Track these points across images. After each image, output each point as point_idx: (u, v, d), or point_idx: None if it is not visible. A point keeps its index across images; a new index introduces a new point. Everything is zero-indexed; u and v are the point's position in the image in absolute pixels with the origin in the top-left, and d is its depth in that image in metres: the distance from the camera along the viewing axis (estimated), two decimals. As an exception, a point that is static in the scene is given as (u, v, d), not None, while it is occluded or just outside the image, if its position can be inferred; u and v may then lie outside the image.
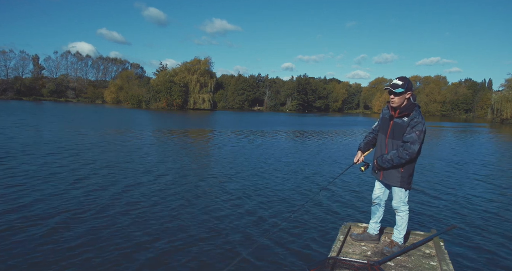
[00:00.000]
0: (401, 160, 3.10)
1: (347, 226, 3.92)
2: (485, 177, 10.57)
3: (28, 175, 8.25)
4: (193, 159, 11.82)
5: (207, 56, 74.15)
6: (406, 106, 3.14)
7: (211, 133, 22.16)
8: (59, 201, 6.40)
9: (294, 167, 11.05)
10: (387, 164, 3.20)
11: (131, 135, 18.25)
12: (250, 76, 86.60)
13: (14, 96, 69.99)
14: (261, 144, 17.03)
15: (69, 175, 8.42)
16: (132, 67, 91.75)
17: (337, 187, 8.38)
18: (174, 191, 7.48)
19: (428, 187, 8.87)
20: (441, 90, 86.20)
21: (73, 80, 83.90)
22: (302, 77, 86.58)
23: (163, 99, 62.31)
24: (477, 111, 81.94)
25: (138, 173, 9.12)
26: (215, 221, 5.76)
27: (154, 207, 6.35)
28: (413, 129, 3.07)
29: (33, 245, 4.56)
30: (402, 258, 3.22)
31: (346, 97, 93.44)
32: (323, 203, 7.03)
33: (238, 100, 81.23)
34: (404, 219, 3.35)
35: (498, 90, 61.72)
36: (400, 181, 3.22)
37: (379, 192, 3.50)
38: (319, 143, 18.48)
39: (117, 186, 7.70)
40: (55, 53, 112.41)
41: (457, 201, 7.64)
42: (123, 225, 5.37)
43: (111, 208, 6.16)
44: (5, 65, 76.36)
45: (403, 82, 3.11)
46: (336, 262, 2.87)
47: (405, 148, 3.07)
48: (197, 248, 4.70)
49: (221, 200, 6.97)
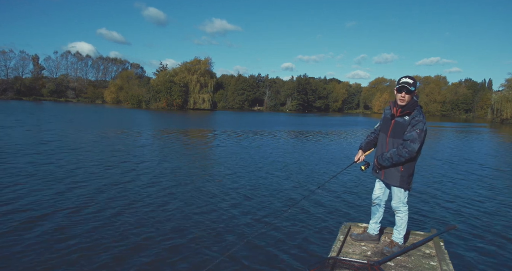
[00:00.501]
0: (401, 158, 3.10)
1: (347, 226, 3.92)
2: (485, 177, 10.56)
3: (23, 174, 8.25)
4: (190, 159, 11.82)
5: (207, 56, 74.41)
6: (409, 105, 3.16)
7: (209, 133, 22.15)
8: (53, 201, 6.40)
9: (293, 167, 11.04)
10: (387, 162, 3.20)
11: (129, 135, 18.24)
12: (250, 76, 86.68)
13: (14, 96, 69.98)
14: (260, 144, 17.02)
15: (64, 175, 8.41)
16: (132, 67, 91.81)
17: (337, 187, 8.38)
18: (169, 191, 7.47)
19: (428, 187, 8.87)
20: (441, 90, 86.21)
21: (73, 80, 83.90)
22: (302, 77, 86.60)
23: (163, 99, 62.30)
24: (477, 111, 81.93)
25: (134, 173, 9.11)
26: (210, 221, 5.75)
27: (148, 207, 6.33)
28: (413, 128, 3.08)
29: (25, 244, 4.57)
30: (402, 258, 3.22)
31: (346, 97, 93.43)
32: (323, 203, 7.03)
33: (238, 100, 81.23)
34: (403, 219, 3.35)
35: (498, 90, 61.78)
36: (400, 181, 3.22)
37: (379, 192, 3.50)
38: (319, 143, 18.47)
39: (111, 185, 7.68)
40: (55, 53, 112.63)
41: (457, 201, 7.64)
42: (115, 226, 5.35)
43: (104, 208, 6.14)
44: (5, 65, 76.54)
45: (414, 81, 3.15)
46: (336, 262, 2.87)
47: (405, 146, 3.07)
48: (193, 249, 4.70)
49: (217, 200, 6.96)
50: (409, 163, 3.19)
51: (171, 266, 4.19)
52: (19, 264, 4.05)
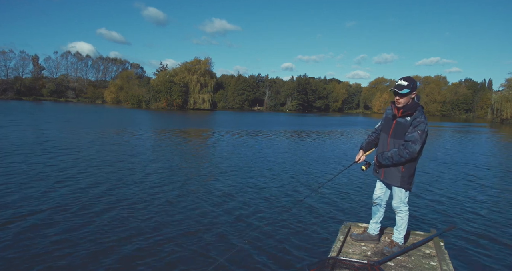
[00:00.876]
0: (401, 158, 3.10)
1: (347, 226, 3.92)
2: (485, 177, 10.56)
3: (15, 173, 8.27)
4: (184, 159, 11.82)
5: (207, 56, 74.33)
6: (410, 106, 3.16)
7: (208, 133, 22.14)
8: (41, 199, 6.40)
9: (293, 167, 11.04)
10: (387, 161, 3.20)
11: (127, 135, 18.23)
12: (250, 76, 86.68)
13: (14, 96, 69.96)
14: (260, 144, 17.02)
15: (54, 174, 8.43)
16: (132, 67, 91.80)
17: (337, 187, 8.37)
18: (158, 190, 7.47)
19: (428, 187, 8.87)
20: (441, 90, 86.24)
21: (73, 80, 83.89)
22: (302, 77, 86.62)
23: (163, 99, 62.29)
24: (477, 111, 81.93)
25: (126, 172, 9.09)
26: (209, 222, 5.75)
27: (133, 206, 6.28)
28: (415, 129, 3.07)
29: (8, 242, 4.58)
30: (402, 258, 3.21)
31: (346, 97, 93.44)
32: (323, 203, 7.02)
33: (238, 101, 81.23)
34: (404, 219, 3.35)
35: (498, 90, 61.79)
36: (401, 181, 3.22)
37: (380, 193, 3.50)
38: (319, 143, 18.47)
39: (101, 185, 7.67)
40: (55, 53, 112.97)
41: (457, 201, 7.64)
42: (96, 225, 5.31)
43: (90, 207, 6.12)
44: (5, 65, 76.50)
45: (408, 82, 3.13)
46: (336, 262, 2.86)
47: (406, 147, 3.07)
48: (192, 250, 4.70)
49: (217, 201, 6.96)
50: (410, 163, 3.19)
51: (171, 267, 4.18)
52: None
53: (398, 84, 3.14)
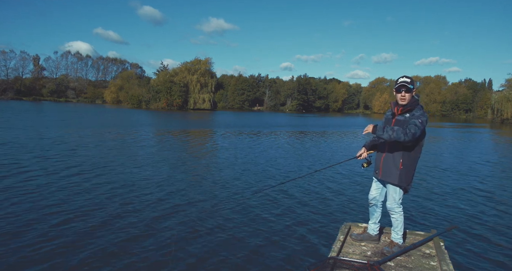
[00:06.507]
0: (402, 135, 3.01)
1: (347, 226, 3.92)
2: (485, 177, 10.56)
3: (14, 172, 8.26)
4: (181, 159, 11.81)
5: (208, 57, 74.26)
6: (410, 103, 3.21)
7: (208, 133, 22.14)
8: (23, 198, 6.40)
9: (293, 167, 11.04)
10: (388, 133, 3.07)
11: (125, 134, 18.23)
12: (250, 76, 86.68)
13: (14, 97, 69.93)
14: (260, 144, 17.02)
15: (42, 173, 8.46)
16: (132, 67, 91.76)
17: (337, 187, 8.38)
18: (168, 191, 7.48)
19: (428, 187, 8.87)
20: (441, 90, 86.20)
21: (73, 80, 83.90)
22: (302, 77, 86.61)
23: (163, 99, 62.27)
24: (477, 111, 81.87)
25: (116, 172, 9.10)
26: (209, 223, 5.76)
27: (117, 210, 6.14)
28: (414, 118, 3.11)
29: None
30: (402, 258, 3.21)
31: (346, 97, 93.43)
32: (323, 203, 7.03)
33: (238, 100, 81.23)
34: (399, 220, 3.35)
35: (498, 90, 61.78)
36: (398, 179, 3.21)
37: (375, 193, 3.51)
38: (319, 143, 18.46)
39: (88, 185, 7.62)
40: (55, 53, 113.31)
41: (457, 201, 7.64)
42: (74, 231, 5.09)
43: (66, 210, 5.93)
44: (5, 65, 76.51)
45: (411, 80, 3.20)
46: (336, 262, 2.86)
47: (410, 128, 3.05)
48: (191, 251, 4.70)
49: (216, 201, 6.96)
50: (408, 161, 3.18)
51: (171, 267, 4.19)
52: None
53: (403, 81, 3.19)
